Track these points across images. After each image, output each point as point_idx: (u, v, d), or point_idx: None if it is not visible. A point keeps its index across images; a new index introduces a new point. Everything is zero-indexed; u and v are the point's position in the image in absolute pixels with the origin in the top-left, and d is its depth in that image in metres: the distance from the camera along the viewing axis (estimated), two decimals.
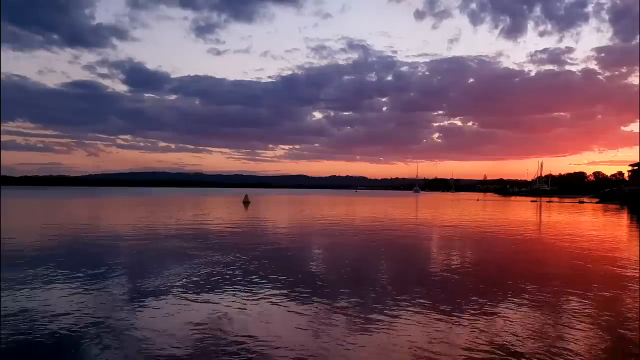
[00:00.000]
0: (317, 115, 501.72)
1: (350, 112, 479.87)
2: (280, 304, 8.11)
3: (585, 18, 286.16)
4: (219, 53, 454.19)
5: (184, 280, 9.90)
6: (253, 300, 8.35)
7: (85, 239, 17.30)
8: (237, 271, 11.01)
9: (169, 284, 9.46)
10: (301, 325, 6.93)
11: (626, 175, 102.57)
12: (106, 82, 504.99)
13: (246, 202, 52.53)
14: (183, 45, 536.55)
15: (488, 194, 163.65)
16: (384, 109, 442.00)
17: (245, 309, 7.72)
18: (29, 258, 12.56)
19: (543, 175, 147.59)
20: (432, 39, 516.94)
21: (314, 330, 6.66)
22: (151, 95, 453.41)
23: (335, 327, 6.82)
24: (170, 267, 11.40)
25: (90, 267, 11.35)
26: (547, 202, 76.25)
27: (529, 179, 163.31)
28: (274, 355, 5.70)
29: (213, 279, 10.08)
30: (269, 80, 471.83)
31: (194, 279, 10.05)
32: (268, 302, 8.23)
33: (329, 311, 7.63)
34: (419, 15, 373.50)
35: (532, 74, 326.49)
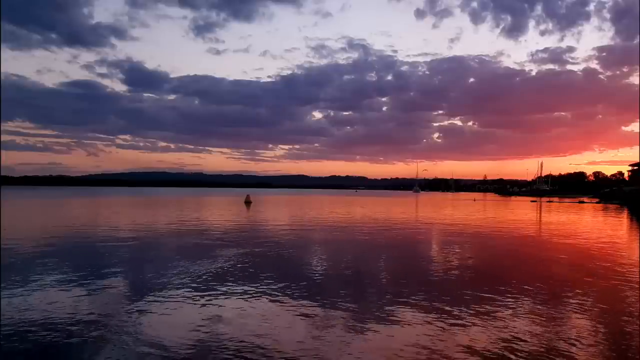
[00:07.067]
0: (317, 115, 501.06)
1: (350, 112, 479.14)
2: (282, 303, 8.17)
3: (586, 17, 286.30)
4: (218, 52, 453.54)
5: (186, 279, 9.99)
6: (254, 299, 8.42)
7: (85, 239, 17.37)
8: (240, 271, 11.12)
9: (171, 283, 9.55)
10: (302, 325, 6.99)
11: (626, 175, 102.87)
12: (105, 81, 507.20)
13: (248, 202, 52.66)
14: (182, 44, 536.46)
15: (488, 194, 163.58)
16: (384, 108, 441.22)
17: (246, 309, 7.79)
18: (30, 258, 12.63)
19: (543, 175, 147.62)
20: (432, 38, 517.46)
21: (315, 330, 6.71)
22: (150, 95, 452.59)
23: (335, 326, 6.88)
24: (173, 266, 11.49)
25: (91, 266, 11.43)
26: (547, 202, 76.28)
27: (529, 179, 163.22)
28: (274, 356, 5.73)
29: (216, 278, 10.17)
30: (269, 79, 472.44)
31: (197, 278, 10.12)
32: (270, 302, 8.29)
33: (330, 311, 7.71)
34: (420, 14, 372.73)
35: (533, 73, 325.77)
